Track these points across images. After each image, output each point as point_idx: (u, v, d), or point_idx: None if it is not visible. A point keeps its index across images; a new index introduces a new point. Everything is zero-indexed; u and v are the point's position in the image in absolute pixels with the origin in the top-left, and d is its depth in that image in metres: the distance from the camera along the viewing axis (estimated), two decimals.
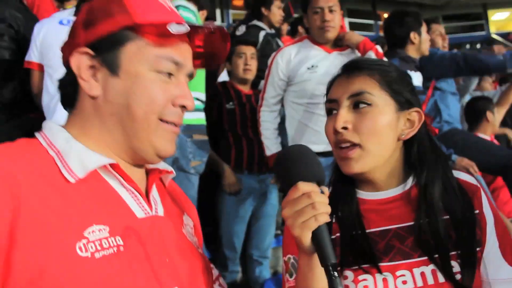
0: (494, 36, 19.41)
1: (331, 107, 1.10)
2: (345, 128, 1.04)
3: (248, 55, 3.10)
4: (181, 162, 2.53)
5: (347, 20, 19.60)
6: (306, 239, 0.84)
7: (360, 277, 1.01)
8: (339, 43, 2.69)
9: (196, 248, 1.00)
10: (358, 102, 1.05)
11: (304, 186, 0.85)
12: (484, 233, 1.05)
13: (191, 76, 0.95)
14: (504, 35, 19.47)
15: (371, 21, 19.21)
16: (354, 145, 1.04)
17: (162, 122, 0.88)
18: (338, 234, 1.09)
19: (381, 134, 1.04)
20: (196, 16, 2.70)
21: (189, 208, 1.09)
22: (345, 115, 1.05)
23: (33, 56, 2.61)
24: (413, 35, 2.95)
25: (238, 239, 3.07)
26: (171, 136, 0.91)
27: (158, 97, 0.86)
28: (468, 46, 17.94)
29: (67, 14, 2.77)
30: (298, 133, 2.66)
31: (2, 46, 2.52)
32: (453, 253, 1.00)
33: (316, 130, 2.53)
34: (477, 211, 1.06)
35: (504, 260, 1.04)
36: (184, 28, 0.85)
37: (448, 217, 1.04)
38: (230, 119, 3.06)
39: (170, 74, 0.88)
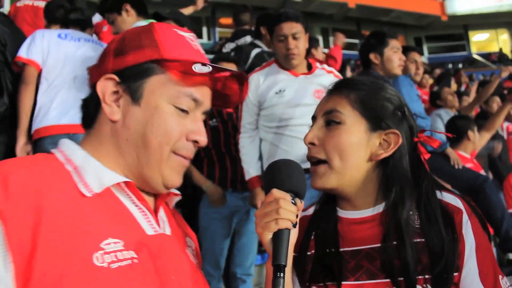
0: (475, 56, 19.92)
1: (312, 124, 1.14)
2: (313, 144, 1.09)
3: None
4: None
5: (332, 40, 19.93)
6: (265, 238, 0.92)
7: None
8: None
9: (198, 269, 1.03)
10: (329, 120, 1.09)
11: (276, 193, 0.93)
12: (462, 257, 1.02)
13: (207, 113, 1.00)
14: (485, 56, 20.00)
15: (356, 41, 19.55)
16: (320, 161, 1.07)
17: (173, 154, 0.93)
18: (313, 251, 1.10)
19: (345, 152, 1.05)
20: None
21: (190, 232, 1.12)
22: (315, 132, 1.10)
23: (36, 56, 2.72)
24: (373, 56, 2.97)
25: (221, 256, 3.04)
26: (180, 168, 0.96)
27: (173, 131, 0.91)
28: (450, 65, 18.35)
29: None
30: (271, 153, 2.69)
31: None
32: (420, 277, 0.99)
33: (287, 150, 2.60)
34: (455, 236, 1.03)
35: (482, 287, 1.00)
36: (207, 68, 0.89)
37: (423, 239, 1.02)
38: (213, 136, 3.06)
39: (187, 111, 0.93)
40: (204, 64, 0.89)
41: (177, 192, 1.04)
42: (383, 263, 1.00)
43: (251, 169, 2.75)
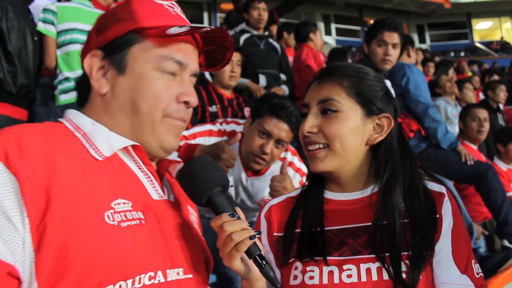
0: (478, 45, 19.80)
1: (304, 111, 1.17)
2: (311, 132, 1.11)
3: (235, 61, 3.10)
4: None
5: (334, 26, 19.79)
6: (236, 266, 0.92)
7: (308, 268, 1.06)
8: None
9: (201, 236, 1.08)
10: (325, 108, 1.11)
11: (215, 223, 0.92)
12: (438, 233, 1.07)
13: (196, 76, 1.03)
14: (487, 44, 19.88)
15: (357, 27, 19.41)
16: (322, 146, 1.10)
17: (167, 118, 0.96)
18: (299, 230, 1.14)
19: (344, 137, 1.09)
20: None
21: (190, 201, 1.16)
22: (312, 120, 1.12)
23: None
24: (365, 46, 3.11)
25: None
26: (176, 130, 0.99)
27: (161, 94, 0.94)
28: (452, 54, 18.23)
29: None
30: None
31: None
32: (404, 253, 1.03)
33: None
34: (437, 216, 1.08)
35: (455, 265, 1.04)
36: (182, 30, 0.92)
37: (407, 220, 1.06)
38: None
39: (173, 73, 0.97)
40: (180, 27, 0.93)
41: (179, 159, 1.06)
42: (372, 241, 1.04)
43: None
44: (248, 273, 0.95)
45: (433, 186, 1.14)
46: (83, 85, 0.99)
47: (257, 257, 0.90)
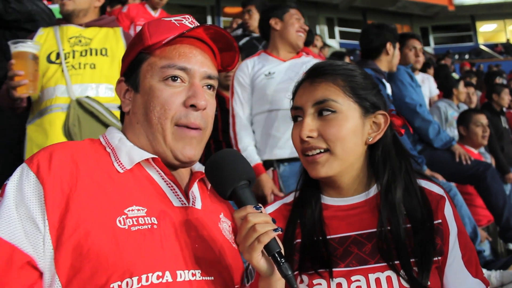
0: (482, 47, 19.74)
1: (297, 114, 1.11)
2: (311, 136, 1.06)
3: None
4: None
5: (337, 29, 19.82)
6: (256, 260, 0.88)
7: (315, 281, 1.02)
8: None
9: (232, 243, 1.08)
10: (322, 110, 1.06)
11: (238, 214, 0.89)
12: (447, 243, 1.04)
13: (212, 77, 1.06)
14: (492, 46, 19.80)
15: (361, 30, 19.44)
16: (323, 150, 1.05)
17: (177, 127, 1.02)
18: (299, 240, 1.09)
19: (346, 139, 1.04)
20: None
21: (228, 211, 1.17)
22: (310, 124, 1.06)
23: None
24: (389, 46, 3.05)
25: None
26: (189, 139, 1.03)
27: (167, 103, 1.01)
28: (456, 56, 18.19)
29: None
30: (262, 141, 2.66)
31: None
32: (411, 260, 1.00)
33: (279, 136, 2.58)
34: (439, 221, 1.05)
35: (467, 271, 1.03)
36: (172, 35, 1.00)
37: (409, 225, 1.03)
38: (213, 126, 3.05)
39: (180, 81, 1.02)
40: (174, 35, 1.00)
41: None
42: (380, 248, 1.01)
43: (255, 155, 2.64)
44: (267, 270, 0.89)
45: (432, 187, 1.11)
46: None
47: (276, 254, 0.86)
